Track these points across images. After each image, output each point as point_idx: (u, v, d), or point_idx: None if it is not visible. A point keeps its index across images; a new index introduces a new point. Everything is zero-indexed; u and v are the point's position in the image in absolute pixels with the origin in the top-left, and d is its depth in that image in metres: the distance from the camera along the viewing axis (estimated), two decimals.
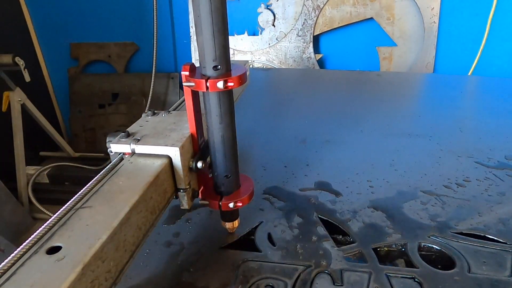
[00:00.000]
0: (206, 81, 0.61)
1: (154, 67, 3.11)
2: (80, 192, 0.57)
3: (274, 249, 0.85)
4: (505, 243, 0.84)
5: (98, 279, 0.47)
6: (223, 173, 0.73)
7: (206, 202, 0.75)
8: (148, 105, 3.19)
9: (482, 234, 0.87)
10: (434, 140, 1.32)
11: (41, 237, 0.48)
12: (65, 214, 0.52)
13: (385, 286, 0.75)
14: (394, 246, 0.86)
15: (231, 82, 0.62)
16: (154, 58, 3.11)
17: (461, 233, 0.88)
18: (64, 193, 2.91)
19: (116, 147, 0.67)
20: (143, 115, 0.79)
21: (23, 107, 2.71)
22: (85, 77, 3.47)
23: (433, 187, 1.06)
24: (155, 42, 3.08)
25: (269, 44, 3.03)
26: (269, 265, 0.81)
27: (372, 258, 0.82)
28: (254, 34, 3.06)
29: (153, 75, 3.11)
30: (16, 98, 2.65)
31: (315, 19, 2.91)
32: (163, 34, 3.20)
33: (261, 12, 2.98)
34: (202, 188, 0.75)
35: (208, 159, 0.74)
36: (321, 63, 3.05)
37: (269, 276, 0.78)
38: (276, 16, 2.99)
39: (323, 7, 2.88)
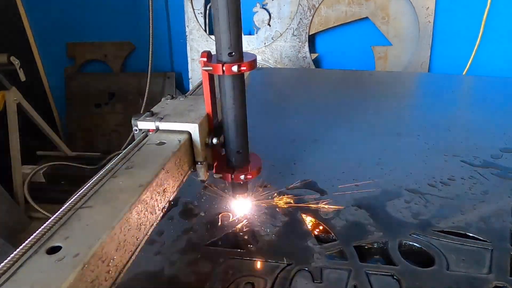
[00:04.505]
0: (223, 65, 0.70)
1: (150, 66, 3.12)
2: (81, 191, 0.57)
3: (256, 246, 0.86)
4: (485, 241, 0.84)
5: (98, 279, 0.47)
6: (235, 149, 0.81)
7: (220, 175, 0.83)
8: (144, 104, 3.19)
9: (463, 232, 0.88)
10: (422, 139, 1.33)
11: (41, 237, 0.48)
12: (65, 214, 0.52)
13: (364, 283, 0.75)
14: (375, 244, 0.87)
15: (244, 66, 0.71)
16: (150, 57, 3.11)
17: (442, 231, 0.88)
18: (60, 192, 2.91)
19: (142, 124, 0.76)
20: (162, 99, 0.87)
21: (19, 106, 2.72)
22: (82, 76, 3.48)
23: (417, 185, 1.06)
24: (151, 42, 3.08)
25: (265, 43, 3.04)
26: (250, 263, 0.82)
27: (352, 256, 0.82)
28: (249, 34, 3.06)
29: (149, 75, 3.11)
30: (12, 97, 2.65)
31: (310, 18, 2.91)
32: (159, 34, 3.20)
33: (257, 11, 2.98)
34: (216, 163, 0.83)
35: (222, 138, 0.82)
36: (316, 62, 3.05)
37: (250, 274, 0.79)
38: (272, 15, 2.99)
39: (318, 7, 2.88)
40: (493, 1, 2.52)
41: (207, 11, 3.06)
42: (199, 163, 0.77)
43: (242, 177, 0.82)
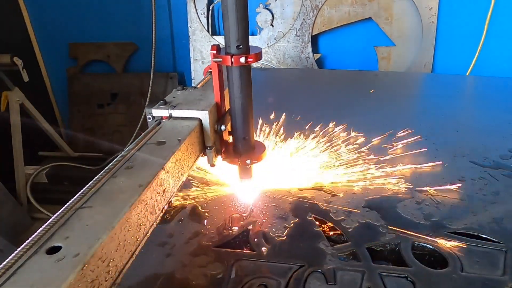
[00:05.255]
0: (231, 57, 0.76)
1: (152, 67, 3.11)
2: (81, 191, 0.57)
3: (268, 248, 0.86)
4: (499, 243, 0.84)
5: (98, 279, 0.47)
6: (242, 135, 0.86)
7: (228, 160, 0.89)
8: (146, 105, 3.19)
9: (475, 234, 0.87)
10: (430, 140, 1.32)
11: (41, 237, 0.48)
12: (65, 214, 0.52)
13: (378, 285, 0.75)
14: (387, 245, 0.86)
15: (251, 58, 0.77)
16: (153, 58, 3.11)
17: (455, 233, 0.88)
18: (62, 193, 2.90)
19: (156, 112, 0.82)
20: (173, 90, 0.92)
21: (22, 107, 2.71)
22: (84, 77, 3.47)
23: (428, 186, 1.06)
24: (153, 42, 3.08)
25: (268, 44, 3.03)
26: (263, 264, 0.81)
27: (365, 257, 0.82)
28: (252, 34, 3.05)
29: (151, 75, 3.11)
30: (15, 97, 2.64)
31: (313, 19, 2.91)
32: (162, 34, 3.19)
33: (260, 12, 2.97)
34: (224, 149, 0.88)
35: (229, 126, 0.87)
36: (319, 63, 3.04)
37: (262, 275, 0.78)
38: (275, 16, 2.99)
39: (321, 7, 2.88)
40: (497, 1, 2.52)
41: (210, 12, 3.06)
42: (208, 148, 0.83)
43: (248, 161, 0.88)
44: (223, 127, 0.84)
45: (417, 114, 1.61)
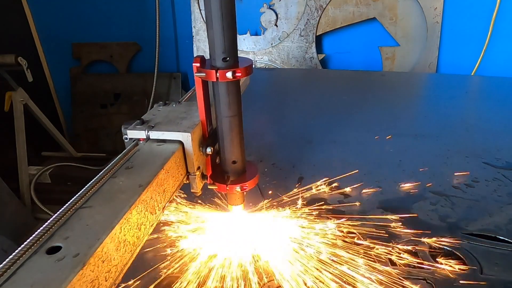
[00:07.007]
0: (216, 71, 0.65)
1: (156, 67, 3.10)
2: (81, 191, 0.56)
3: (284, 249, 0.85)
4: None
5: (98, 279, 0.47)
6: (231, 158, 0.76)
7: (215, 187, 0.77)
8: (150, 105, 3.18)
9: (493, 235, 0.87)
10: (441, 141, 1.32)
11: (41, 237, 0.47)
12: (65, 214, 0.52)
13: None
14: (405, 247, 0.85)
15: (239, 72, 0.66)
16: (156, 58, 3.10)
17: (472, 234, 0.87)
18: (66, 193, 2.86)
19: (132, 133, 0.70)
20: (155, 106, 0.81)
21: (25, 107, 2.70)
22: (87, 77, 3.46)
23: (442, 187, 1.05)
24: (157, 42, 3.07)
25: (272, 44, 3.03)
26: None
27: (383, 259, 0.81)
28: (256, 34, 3.05)
29: (155, 75, 3.10)
30: (19, 98, 2.63)
31: (317, 19, 2.90)
32: (165, 34, 3.19)
33: (264, 12, 2.97)
34: (211, 173, 0.77)
35: (216, 146, 0.76)
36: (323, 63, 3.04)
37: (280, 278, 0.77)
38: (279, 16, 2.98)
39: (325, 7, 2.87)
40: (502, 1, 2.51)
41: None
42: (192, 173, 0.72)
43: (237, 188, 0.76)
44: (208, 150, 0.72)
45: (426, 114, 1.60)
